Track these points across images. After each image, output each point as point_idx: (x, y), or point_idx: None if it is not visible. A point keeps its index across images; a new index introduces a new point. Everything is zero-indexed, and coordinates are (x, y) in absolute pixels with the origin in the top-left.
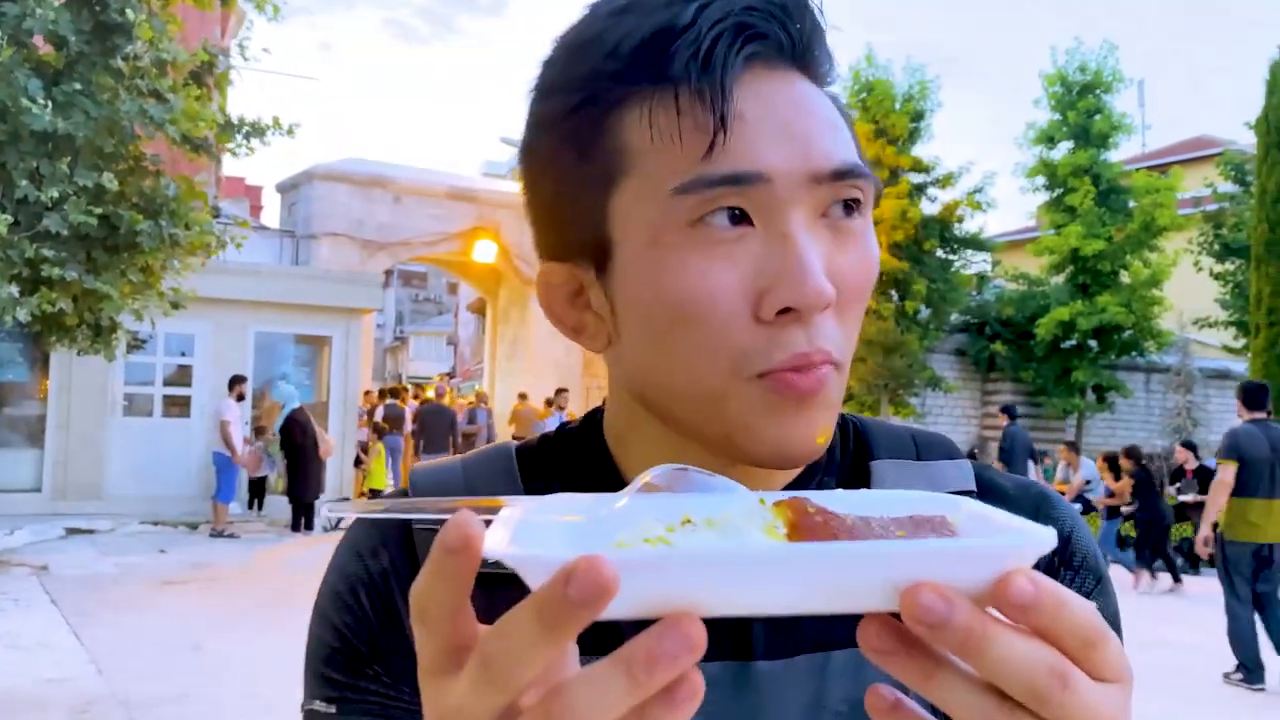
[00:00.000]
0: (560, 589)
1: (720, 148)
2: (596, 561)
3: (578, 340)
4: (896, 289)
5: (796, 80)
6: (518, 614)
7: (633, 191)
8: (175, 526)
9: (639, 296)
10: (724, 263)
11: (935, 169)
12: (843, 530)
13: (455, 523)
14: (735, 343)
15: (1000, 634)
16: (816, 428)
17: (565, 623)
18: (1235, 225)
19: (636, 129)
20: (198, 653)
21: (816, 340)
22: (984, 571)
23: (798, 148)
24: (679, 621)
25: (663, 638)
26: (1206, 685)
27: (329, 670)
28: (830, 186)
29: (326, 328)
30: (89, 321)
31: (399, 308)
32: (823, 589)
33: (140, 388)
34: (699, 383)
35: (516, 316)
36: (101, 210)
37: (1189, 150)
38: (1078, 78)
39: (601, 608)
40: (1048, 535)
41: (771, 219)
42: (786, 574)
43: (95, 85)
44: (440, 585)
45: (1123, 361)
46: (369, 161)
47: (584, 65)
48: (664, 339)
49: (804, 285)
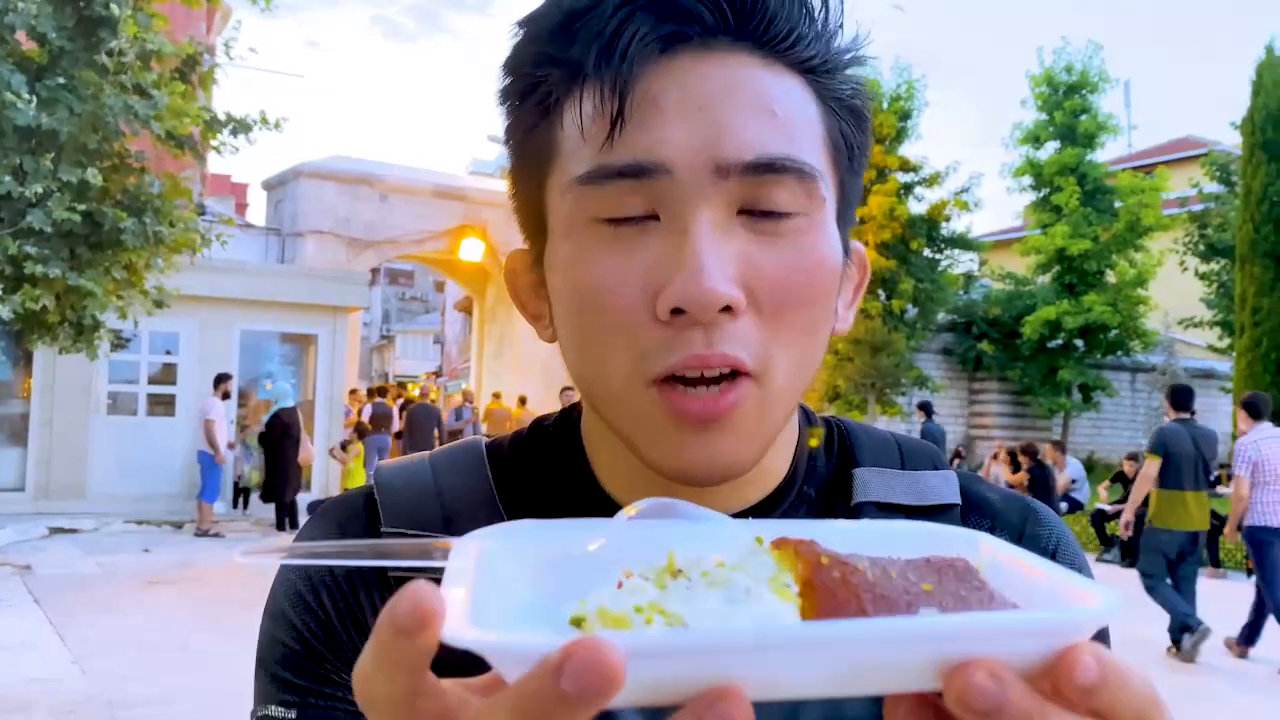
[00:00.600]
0: (551, 681)
1: (619, 137)
2: (599, 646)
3: (536, 328)
4: (884, 288)
5: (734, 60)
6: (490, 711)
7: (556, 182)
8: (159, 526)
9: (557, 288)
10: (624, 258)
11: (922, 168)
12: (865, 587)
13: (408, 596)
14: (635, 341)
15: (1059, 717)
16: (723, 452)
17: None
18: (1220, 225)
19: (560, 117)
20: (182, 652)
21: (717, 345)
22: (1040, 646)
23: (707, 134)
24: (723, 698)
25: (704, 716)
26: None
27: (287, 673)
28: (744, 181)
29: (312, 326)
30: (71, 320)
31: (385, 306)
32: (858, 670)
33: (125, 386)
34: (608, 382)
35: (504, 315)
36: (85, 207)
37: (1174, 151)
38: (1064, 78)
39: (604, 703)
40: (1109, 604)
41: (674, 213)
42: (819, 657)
43: (79, 80)
44: (390, 673)
45: (1108, 361)
46: (355, 159)
47: (525, 48)
48: (578, 335)
49: (694, 286)
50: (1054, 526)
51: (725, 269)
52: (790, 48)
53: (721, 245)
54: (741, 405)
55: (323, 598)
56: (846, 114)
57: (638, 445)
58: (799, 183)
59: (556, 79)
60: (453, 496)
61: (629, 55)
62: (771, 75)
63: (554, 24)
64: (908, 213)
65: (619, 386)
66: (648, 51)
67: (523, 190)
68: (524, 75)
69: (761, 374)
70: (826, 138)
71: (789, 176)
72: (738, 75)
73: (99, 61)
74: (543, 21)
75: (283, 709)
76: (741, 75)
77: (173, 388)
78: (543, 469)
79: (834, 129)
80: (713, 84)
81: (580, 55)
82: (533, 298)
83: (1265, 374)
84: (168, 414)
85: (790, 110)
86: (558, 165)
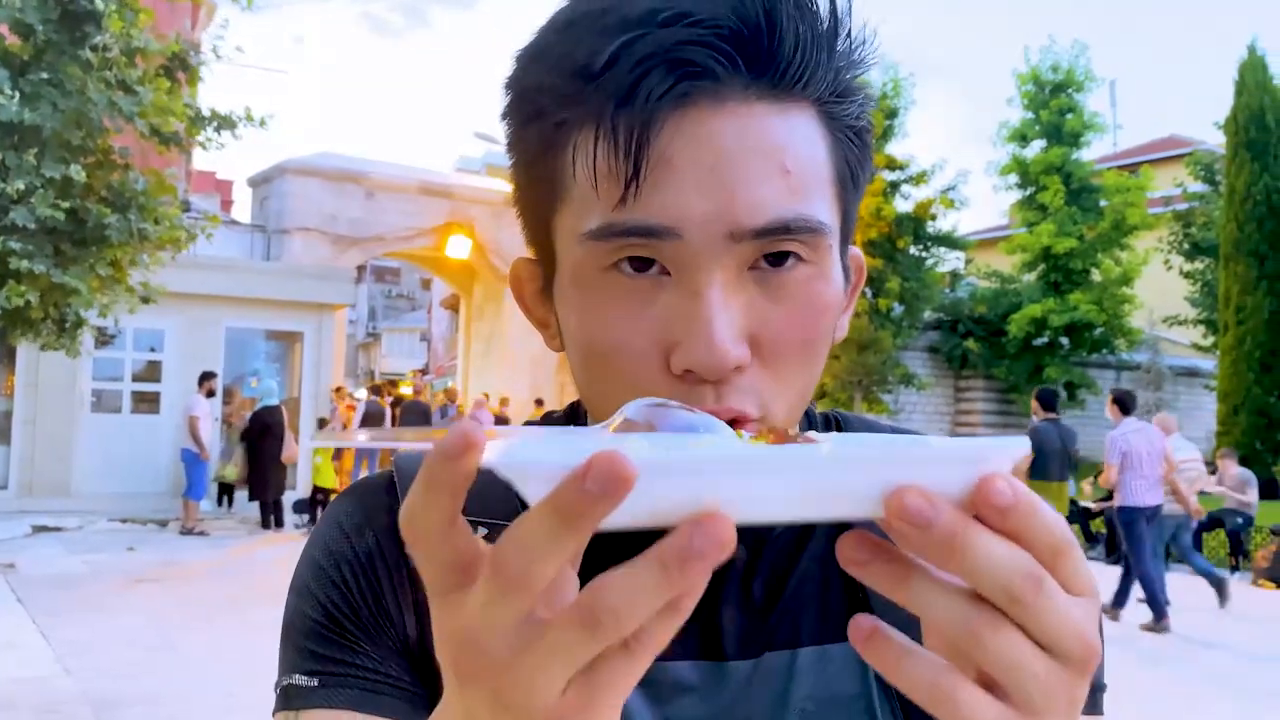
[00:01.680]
0: (578, 483)
1: (634, 198)
2: (615, 454)
3: (543, 334)
4: (870, 286)
5: (750, 110)
6: (531, 516)
7: (565, 221)
8: (144, 524)
9: (569, 326)
10: (636, 313)
11: (909, 167)
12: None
13: (457, 428)
14: (647, 389)
15: (980, 536)
16: None
17: (583, 516)
18: (1204, 224)
19: (570, 158)
20: (167, 652)
21: (726, 399)
22: (961, 475)
23: (719, 198)
24: (707, 521)
25: (693, 536)
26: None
27: (311, 644)
28: (755, 244)
29: (298, 323)
30: (54, 316)
31: (372, 303)
32: (813, 493)
33: (109, 383)
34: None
35: (491, 312)
36: (69, 204)
37: (1159, 150)
38: (1050, 77)
39: (620, 499)
40: (1020, 441)
41: (685, 273)
42: (782, 477)
43: (63, 75)
44: (433, 499)
45: (1094, 359)
46: (341, 156)
47: (533, 78)
48: (590, 373)
49: (706, 352)
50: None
51: (735, 329)
52: (805, 87)
53: (731, 304)
54: None
55: (344, 572)
56: (853, 138)
57: None
58: (809, 239)
59: (568, 118)
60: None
61: (646, 112)
62: (784, 120)
63: (567, 67)
64: (894, 211)
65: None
66: (664, 106)
67: (528, 206)
68: (530, 100)
69: (765, 416)
70: (834, 175)
71: (800, 235)
72: (749, 127)
73: (83, 57)
74: (555, 59)
75: (306, 678)
76: (753, 127)
77: (157, 385)
78: None
79: (841, 161)
80: (726, 140)
81: (597, 107)
82: (539, 305)
83: (1249, 372)
84: (152, 412)
85: (801, 161)
86: (567, 207)
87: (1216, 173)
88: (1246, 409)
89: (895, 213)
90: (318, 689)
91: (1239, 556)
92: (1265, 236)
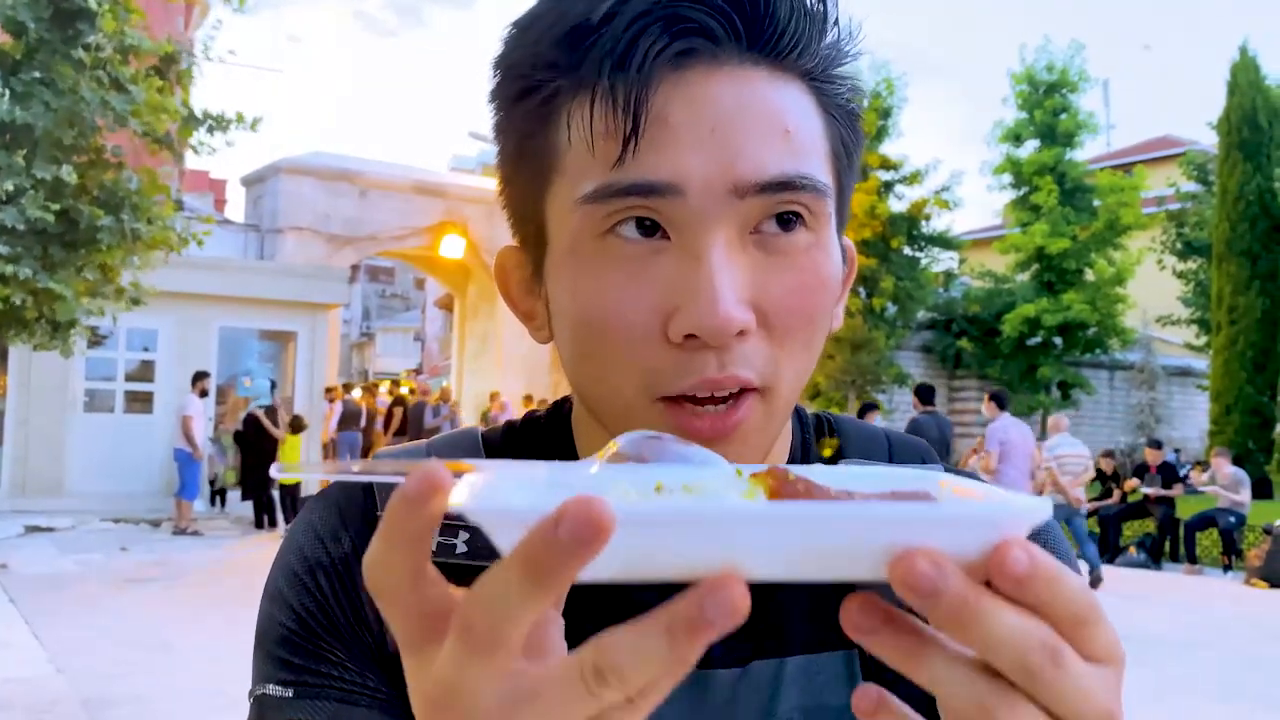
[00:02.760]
0: (549, 532)
1: (632, 156)
2: (592, 500)
3: (528, 327)
4: (864, 286)
5: (747, 75)
6: (499, 569)
7: (559, 193)
8: (137, 524)
9: (561, 303)
10: (635, 279)
11: (903, 166)
12: (826, 499)
13: (420, 471)
14: (645, 361)
15: (993, 606)
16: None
17: (555, 570)
18: (1197, 224)
19: (564, 127)
20: (160, 651)
21: (729, 367)
22: (975, 540)
23: (722, 156)
24: (723, 586)
25: (706, 604)
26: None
27: (284, 653)
28: (759, 200)
29: (292, 323)
30: (47, 317)
31: (366, 303)
32: (812, 553)
33: (102, 383)
34: (613, 398)
35: (485, 312)
36: (60, 205)
37: (1152, 150)
38: (1045, 77)
39: (596, 550)
40: (1041, 505)
41: (686, 235)
42: (778, 536)
43: (55, 74)
44: (397, 549)
45: (1087, 359)
46: (335, 155)
47: (524, 50)
48: (583, 353)
49: (710, 314)
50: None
51: (738, 292)
52: (798, 58)
53: (734, 267)
54: (748, 420)
55: (319, 579)
56: (845, 118)
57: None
58: (811, 200)
59: (560, 86)
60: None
61: (643, 70)
62: (780, 89)
63: (559, 31)
64: (888, 211)
65: (625, 403)
66: (660, 67)
67: (517, 194)
68: (521, 76)
69: (768, 389)
70: (829, 148)
71: (804, 194)
72: (748, 93)
73: (76, 56)
74: (545, 25)
75: (280, 688)
76: (751, 92)
77: (151, 385)
78: (534, 458)
79: (835, 137)
80: (725, 103)
81: (591, 67)
82: (525, 296)
83: (1241, 371)
84: (145, 411)
85: (800, 127)
86: (561, 178)
87: (1209, 173)
88: (1239, 408)
89: (889, 212)
90: (292, 700)
91: (1232, 556)
92: (1258, 236)
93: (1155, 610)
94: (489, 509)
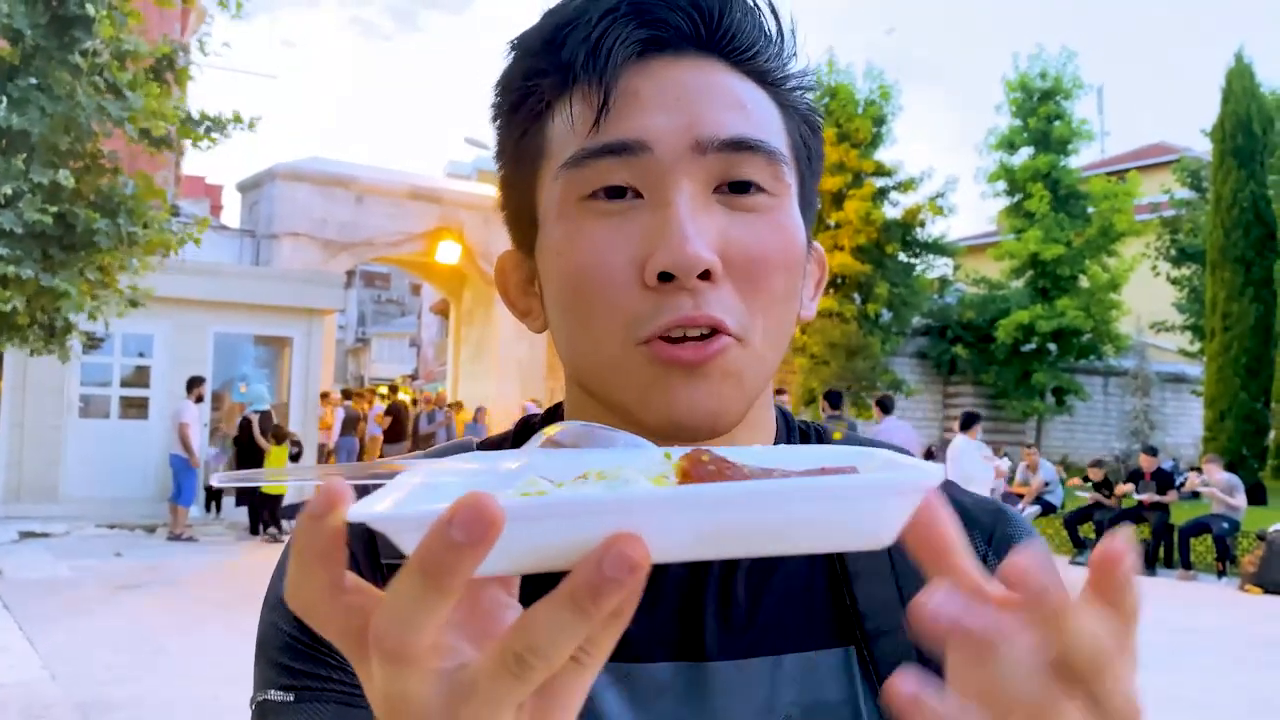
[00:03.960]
0: (443, 532)
1: (605, 124)
2: (479, 497)
3: (526, 322)
4: (859, 292)
5: (705, 66)
6: (400, 577)
7: (546, 173)
8: (132, 530)
9: (549, 270)
10: (613, 232)
11: (897, 173)
12: (734, 476)
13: (321, 488)
14: (625, 308)
15: (1081, 602)
16: (710, 397)
17: (450, 570)
18: (1191, 231)
19: (550, 119)
20: (154, 657)
21: (704, 308)
22: (869, 507)
23: (684, 118)
24: (617, 543)
25: (605, 563)
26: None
27: (285, 659)
28: (720, 157)
29: (287, 328)
30: (42, 321)
31: (361, 309)
32: (704, 533)
33: (97, 388)
34: (599, 350)
35: (480, 318)
36: (57, 208)
37: (1146, 157)
38: (1039, 84)
39: (489, 544)
40: (932, 470)
41: (656, 188)
42: (664, 518)
43: (52, 80)
44: (308, 565)
45: (1081, 365)
46: (331, 161)
47: (516, 65)
48: (570, 309)
49: (679, 251)
50: (1024, 529)
51: (705, 236)
52: (751, 59)
53: (700, 217)
54: (726, 353)
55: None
56: (803, 120)
57: (629, 405)
58: (769, 163)
59: (547, 85)
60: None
61: (612, 56)
62: (738, 80)
63: (544, 36)
64: (883, 217)
65: (610, 351)
66: (628, 53)
67: (515, 195)
68: (516, 89)
69: (742, 336)
70: (788, 136)
71: (760, 156)
72: (709, 78)
73: (72, 61)
74: (533, 37)
75: (281, 693)
76: (712, 78)
77: (146, 390)
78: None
79: (794, 131)
80: (688, 82)
81: (568, 59)
82: (522, 295)
83: (1235, 377)
84: (140, 417)
85: (758, 107)
86: (547, 160)
87: (1203, 179)
88: (1233, 414)
89: (884, 219)
90: (293, 704)
91: (1226, 562)
92: (1251, 243)
93: (1149, 616)
94: (386, 517)
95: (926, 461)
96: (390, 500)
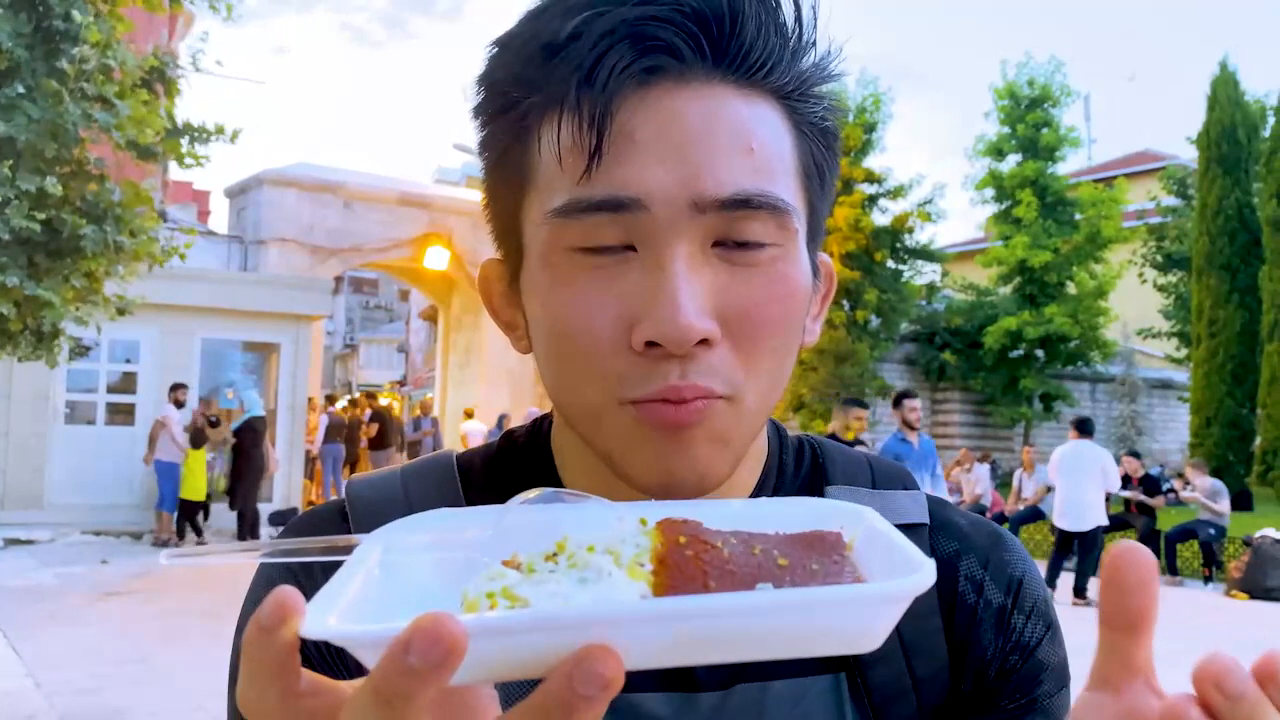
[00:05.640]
0: (399, 658)
1: (598, 170)
2: (439, 619)
3: (510, 337)
4: (848, 298)
5: (714, 92)
6: (359, 695)
7: (532, 207)
8: (118, 537)
9: (534, 311)
10: (602, 288)
11: (887, 180)
12: (714, 565)
13: (271, 597)
14: (611, 368)
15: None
16: (696, 461)
17: (408, 697)
18: (1177, 237)
19: (536, 141)
20: (138, 665)
21: (691, 376)
22: (857, 619)
23: (684, 171)
24: (588, 658)
25: (575, 679)
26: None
27: None
28: (719, 216)
29: (275, 334)
30: (31, 327)
31: (349, 314)
32: (682, 642)
33: (83, 395)
34: (583, 401)
35: (469, 324)
36: (44, 215)
37: (1133, 164)
38: (1027, 92)
39: (452, 669)
40: (926, 568)
41: (650, 247)
42: (638, 631)
43: (38, 89)
44: (259, 679)
45: (1069, 371)
46: (320, 166)
47: (502, 67)
48: (554, 358)
49: (670, 323)
50: (1021, 556)
51: (700, 302)
52: (766, 76)
53: (696, 278)
54: (713, 415)
55: (300, 587)
56: (818, 136)
57: (615, 461)
58: (772, 217)
59: (533, 103)
60: (422, 509)
61: (608, 87)
62: (747, 106)
63: (533, 49)
64: (872, 224)
65: (594, 404)
66: (626, 83)
67: (498, 205)
68: (499, 94)
69: (733, 395)
70: (799, 167)
71: (764, 212)
72: (714, 109)
73: (59, 69)
74: (521, 44)
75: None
76: (718, 108)
77: (132, 396)
78: (513, 482)
79: (806, 155)
80: (690, 120)
81: (560, 84)
82: (506, 307)
83: (1221, 384)
84: (127, 423)
85: (766, 145)
86: (534, 191)
87: (1189, 187)
88: (1219, 421)
89: (873, 226)
90: None
91: (1212, 567)
92: (1236, 250)
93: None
94: (341, 636)
95: (916, 552)
96: (347, 599)
